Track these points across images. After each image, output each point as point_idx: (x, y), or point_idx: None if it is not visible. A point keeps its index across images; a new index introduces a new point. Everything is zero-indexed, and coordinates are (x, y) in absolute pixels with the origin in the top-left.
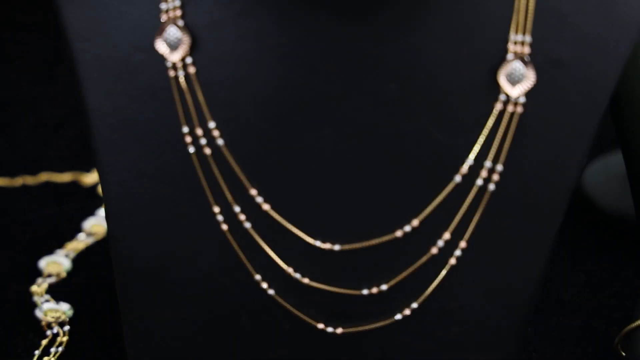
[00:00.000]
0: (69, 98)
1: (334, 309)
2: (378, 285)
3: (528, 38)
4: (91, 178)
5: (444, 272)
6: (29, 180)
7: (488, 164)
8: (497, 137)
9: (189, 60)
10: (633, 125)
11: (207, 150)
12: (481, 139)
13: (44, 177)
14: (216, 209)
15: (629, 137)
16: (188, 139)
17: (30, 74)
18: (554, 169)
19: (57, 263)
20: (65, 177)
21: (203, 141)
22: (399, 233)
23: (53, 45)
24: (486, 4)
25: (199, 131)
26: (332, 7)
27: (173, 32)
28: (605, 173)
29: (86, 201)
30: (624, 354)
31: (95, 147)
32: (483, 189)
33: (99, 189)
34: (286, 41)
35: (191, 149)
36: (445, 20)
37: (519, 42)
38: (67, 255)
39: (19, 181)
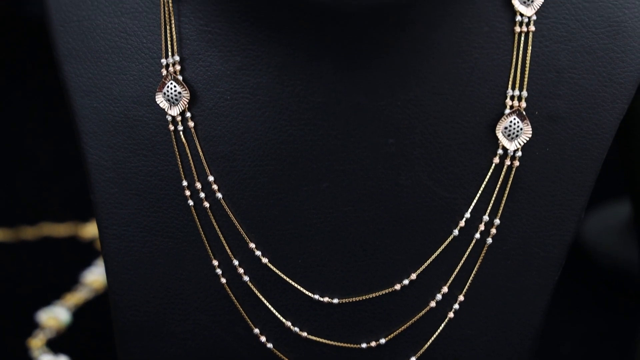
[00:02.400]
0: (69, 150)
1: None
2: (377, 339)
3: (525, 93)
4: (90, 229)
5: (442, 326)
6: (28, 231)
7: (486, 217)
8: (495, 190)
9: (188, 114)
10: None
11: (206, 204)
12: (479, 193)
13: (43, 228)
14: (215, 262)
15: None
16: (187, 193)
17: (31, 126)
18: (551, 222)
19: (56, 316)
20: (64, 229)
21: (202, 194)
22: (397, 286)
23: (54, 99)
24: (483, 60)
25: (198, 185)
26: (330, 62)
27: (173, 86)
28: (603, 226)
29: (85, 252)
30: None
31: (95, 200)
32: (481, 242)
33: (98, 242)
34: (285, 95)
35: (190, 202)
36: (442, 75)
37: (515, 96)
38: (66, 308)
39: (17, 233)
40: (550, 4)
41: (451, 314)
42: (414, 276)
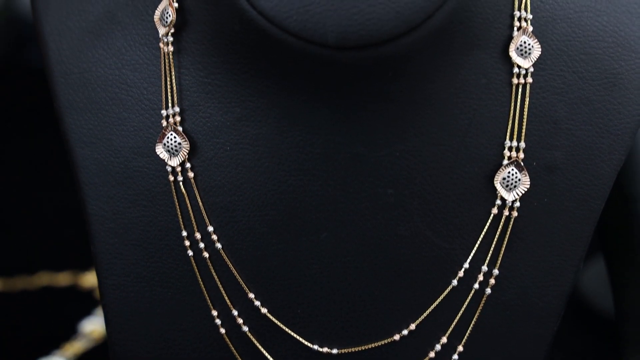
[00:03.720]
0: (68, 200)
1: None
2: None
3: (523, 144)
4: (90, 278)
5: None
6: (27, 281)
7: (485, 268)
8: (494, 241)
9: (188, 165)
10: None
11: (206, 254)
12: (477, 243)
13: (42, 277)
14: (214, 312)
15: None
16: (187, 243)
17: (31, 175)
18: (550, 273)
19: None
20: (63, 278)
21: (202, 245)
22: (396, 337)
23: (54, 149)
24: (481, 111)
25: (198, 235)
26: (329, 113)
27: (173, 137)
28: (602, 276)
29: (85, 302)
30: None
31: (95, 251)
32: (480, 292)
33: (98, 291)
34: (284, 146)
35: (190, 253)
36: (441, 125)
37: (514, 147)
38: (65, 358)
39: (16, 282)
40: (547, 56)
41: None
42: (413, 326)
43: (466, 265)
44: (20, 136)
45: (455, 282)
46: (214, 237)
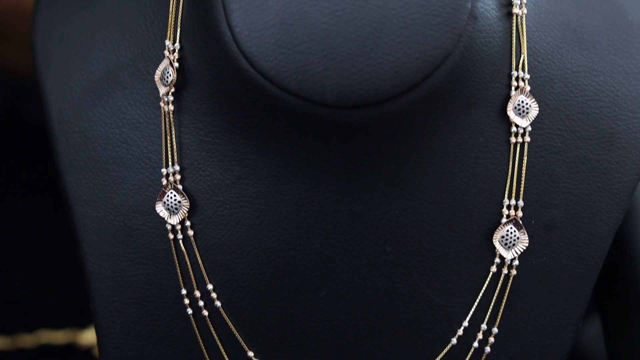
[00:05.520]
0: (67, 257)
1: None
2: None
3: (521, 202)
4: (89, 336)
5: None
6: (26, 339)
7: (484, 326)
8: (493, 299)
9: (188, 223)
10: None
11: (205, 312)
12: (477, 302)
13: (41, 335)
14: None
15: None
16: (186, 301)
17: (30, 233)
18: (549, 331)
19: None
20: (62, 336)
21: (201, 303)
22: None
23: (54, 206)
24: (479, 169)
25: (197, 293)
26: (328, 171)
27: (173, 196)
28: (601, 335)
29: (83, 359)
30: None
31: (94, 309)
32: (479, 351)
33: (96, 349)
34: (283, 204)
35: (189, 311)
36: (439, 184)
37: (512, 206)
38: None
39: (15, 340)
40: (545, 116)
41: None
42: None
43: (465, 323)
44: (19, 194)
45: (454, 340)
46: (214, 295)
